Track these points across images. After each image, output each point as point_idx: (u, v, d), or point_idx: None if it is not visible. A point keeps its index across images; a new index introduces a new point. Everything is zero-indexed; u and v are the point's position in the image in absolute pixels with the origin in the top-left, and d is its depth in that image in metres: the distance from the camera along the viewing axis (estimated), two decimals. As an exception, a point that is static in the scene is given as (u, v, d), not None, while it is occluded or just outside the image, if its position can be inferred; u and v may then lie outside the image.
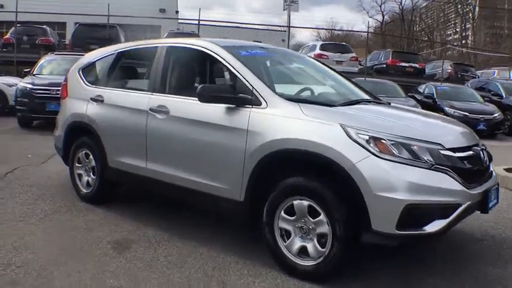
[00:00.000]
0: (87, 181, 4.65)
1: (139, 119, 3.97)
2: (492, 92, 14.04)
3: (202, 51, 3.78)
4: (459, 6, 64.80)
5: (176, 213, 4.37)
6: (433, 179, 2.78)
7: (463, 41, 60.89)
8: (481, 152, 3.22)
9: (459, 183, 2.86)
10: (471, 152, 3.09)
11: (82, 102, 4.62)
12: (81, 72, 4.86)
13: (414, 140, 2.85)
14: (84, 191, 4.67)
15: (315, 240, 2.98)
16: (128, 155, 4.14)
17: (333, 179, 2.89)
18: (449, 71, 18.74)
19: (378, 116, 3.20)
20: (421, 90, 14.96)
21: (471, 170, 3.02)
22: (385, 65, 19.37)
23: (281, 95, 3.26)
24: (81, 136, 4.66)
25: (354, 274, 3.10)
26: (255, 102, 3.26)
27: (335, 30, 48.58)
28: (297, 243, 3.05)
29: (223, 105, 3.39)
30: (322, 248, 2.94)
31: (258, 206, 3.23)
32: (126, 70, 4.61)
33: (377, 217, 2.72)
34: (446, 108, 12.54)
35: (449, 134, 3.19)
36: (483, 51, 40.41)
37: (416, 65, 18.82)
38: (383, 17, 61.20)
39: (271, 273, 3.14)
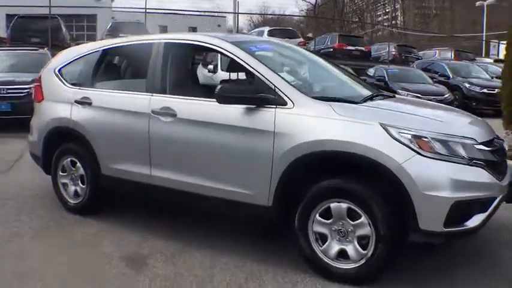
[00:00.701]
0: (75, 191, 4.27)
1: (139, 123, 3.67)
2: (439, 73, 14.65)
3: (209, 48, 3.54)
4: (388, -14, 67.49)
5: (177, 219, 4.12)
6: (472, 174, 2.78)
7: (393, 22, 63.36)
8: (503, 144, 3.27)
9: (493, 176, 2.88)
10: (496, 145, 3.13)
11: (64, 106, 4.20)
12: (58, 72, 4.41)
13: (451, 136, 2.83)
14: (72, 201, 4.28)
15: (355, 243, 2.89)
16: (126, 161, 3.83)
17: (375, 180, 2.81)
18: (393, 53, 19.38)
19: (409, 113, 3.14)
20: (371, 74, 15.31)
21: (498, 162, 3.05)
22: (332, 49, 19.63)
23: (307, 94, 3.11)
24: (65, 142, 4.26)
25: (397, 270, 3.05)
26: (279, 102, 3.09)
27: (285, 15, 48.67)
28: (335, 247, 2.96)
29: (241, 106, 3.19)
30: (364, 250, 2.86)
31: (287, 210, 3.10)
32: (115, 69, 4.25)
33: (425, 216, 2.68)
34: (399, 91, 12.89)
35: (476, 127, 3.20)
36: (415, 31, 42.18)
37: (363, 48, 19.28)
38: (316, -1, 62.31)
39: (308, 279, 3.02)
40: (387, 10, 76.58)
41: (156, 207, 4.41)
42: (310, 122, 2.96)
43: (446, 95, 12.63)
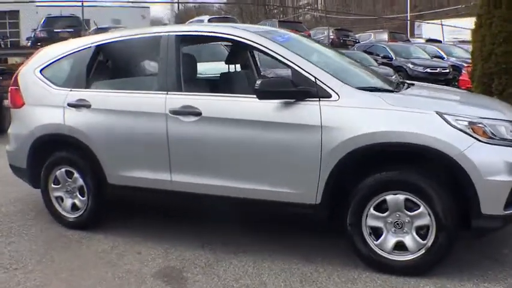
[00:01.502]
0: (73, 204, 3.84)
1: (154, 125, 3.34)
2: (381, 55, 15.10)
3: (233, 40, 3.28)
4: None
5: (192, 225, 3.83)
6: None
7: (315, 6, 65.18)
8: None
9: None
10: None
11: (54, 110, 3.74)
12: (40, 73, 3.91)
13: (499, 120, 2.83)
14: (70, 216, 3.85)
15: (413, 233, 2.84)
16: (138, 168, 3.48)
17: (432, 169, 2.76)
18: (332, 37, 19.72)
19: (453, 100, 3.12)
20: (317, 58, 15.42)
21: None
22: (272, 36, 19.53)
23: (350, 84, 2.98)
24: (57, 151, 3.81)
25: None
26: (322, 94, 2.93)
27: (224, 3, 48.30)
28: (391, 240, 2.88)
29: (279, 101, 3.00)
30: (423, 240, 2.82)
31: (336, 207, 2.98)
32: (113, 67, 3.82)
33: (487, 201, 2.67)
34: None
35: (506, 110, 3.22)
36: (347, 14, 43.62)
37: (303, 34, 19.38)
38: (240, -15, 62.73)
39: (364, 276, 2.93)
40: (309, -6, 78.82)
41: (162, 215, 4.11)
42: (362, 113, 2.84)
43: (393, 77, 13.05)
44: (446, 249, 2.80)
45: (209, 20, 18.51)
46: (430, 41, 19.31)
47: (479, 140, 2.69)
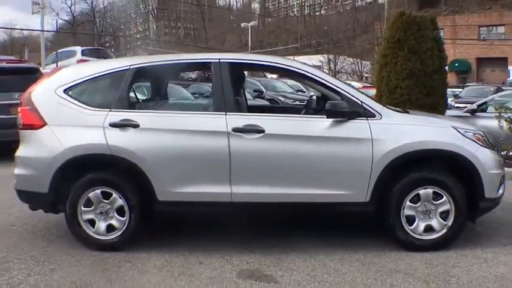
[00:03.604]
0: (109, 226, 3.79)
1: (215, 142, 3.67)
2: (253, 89, 16.44)
3: (283, 68, 3.86)
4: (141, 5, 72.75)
5: (222, 230, 4.18)
6: (498, 157, 3.99)
7: (147, 41, 66.83)
8: None
9: None
10: None
11: (91, 130, 3.72)
12: (64, 93, 3.82)
13: (480, 131, 4.00)
14: (106, 238, 3.79)
15: (438, 217, 3.74)
16: (195, 182, 3.72)
17: (452, 167, 3.75)
18: (197, 71, 20.48)
19: (451, 119, 4.19)
20: (191, 91, 16.05)
21: None
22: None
23: (385, 106, 3.83)
24: (92, 172, 3.77)
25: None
26: (368, 114, 3.71)
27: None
28: (422, 224, 3.74)
29: (330, 120, 3.68)
30: (444, 221, 3.75)
31: (380, 202, 3.73)
32: (157, 89, 3.95)
33: (488, 188, 3.73)
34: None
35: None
36: (176, 47, 45.36)
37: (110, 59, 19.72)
38: (74, 17, 62.25)
39: (405, 254, 3.70)
40: (140, 29, 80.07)
41: (175, 222, 4.34)
42: (401, 129, 3.71)
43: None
44: (463, 226, 3.79)
45: (82, 51, 17.80)
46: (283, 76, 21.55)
47: (481, 145, 3.79)
